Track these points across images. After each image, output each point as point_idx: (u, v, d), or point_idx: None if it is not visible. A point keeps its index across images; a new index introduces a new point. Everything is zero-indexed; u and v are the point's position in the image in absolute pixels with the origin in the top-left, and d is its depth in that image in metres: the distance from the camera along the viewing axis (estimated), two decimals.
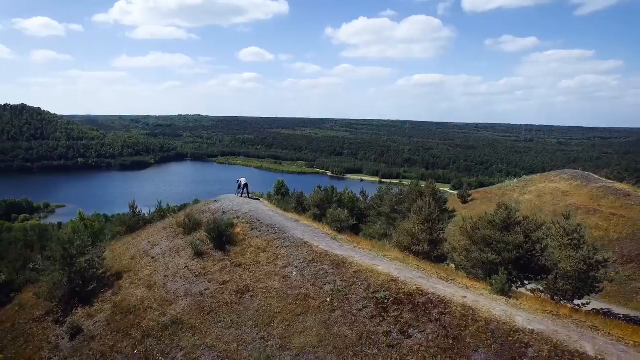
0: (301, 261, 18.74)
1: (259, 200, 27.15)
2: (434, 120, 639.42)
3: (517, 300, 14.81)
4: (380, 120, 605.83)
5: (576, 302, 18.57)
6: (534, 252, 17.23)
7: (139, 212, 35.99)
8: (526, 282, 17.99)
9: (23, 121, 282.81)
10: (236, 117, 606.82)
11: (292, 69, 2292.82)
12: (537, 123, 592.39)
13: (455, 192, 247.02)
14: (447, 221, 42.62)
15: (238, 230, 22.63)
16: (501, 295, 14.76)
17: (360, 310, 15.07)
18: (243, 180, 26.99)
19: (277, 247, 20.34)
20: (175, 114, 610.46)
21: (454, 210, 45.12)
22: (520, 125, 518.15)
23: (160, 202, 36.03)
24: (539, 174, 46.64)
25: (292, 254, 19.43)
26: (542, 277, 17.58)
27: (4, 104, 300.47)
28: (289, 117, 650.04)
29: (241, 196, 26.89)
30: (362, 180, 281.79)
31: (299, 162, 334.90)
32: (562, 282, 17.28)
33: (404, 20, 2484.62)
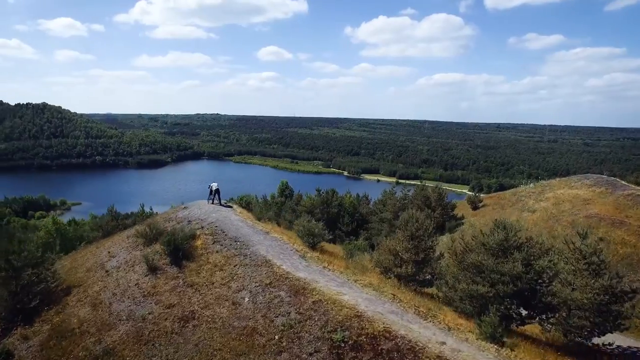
0: (257, 284, 15.77)
1: (231, 207, 24.26)
2: (453, 120, 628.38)
3: (512, 350, 11.50)
4: (398, 120, 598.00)
5: (595, 340, 14.99)
6: (538, 284, 13.76)
7: (118, 215, 33.69)
8: (528, 320, 14.44)
9: (44, 120, 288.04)
10: (254, 116, 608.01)
11: (310, 68, 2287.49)
12: (562, 123, 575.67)
13: (472, 192, 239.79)
14: (453, 230, 39.10)
15: (199, 242, 19.83)
16: (491, 343, 11.49)
17: (310, 354, 12.00)
18: (214, 186, 24.23)
19: (235, 266, 17.43)
20: (193, 112, 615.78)
21: (462, 217, 41.48)
22: (544, 125, 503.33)
23: (143, 205, 33.34)
24: (557, 179, 42.43)
25: (249, 275, 16.49)
26: (548, 316, 14.05)
27: (26, 103, 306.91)
28: (306, 116, 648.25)
29: (212, 203, 24.11)
30: (378, 180, 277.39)
31: (315, 161, 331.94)
32: (577, 317, 13.76)
33: (424, 19, 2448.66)
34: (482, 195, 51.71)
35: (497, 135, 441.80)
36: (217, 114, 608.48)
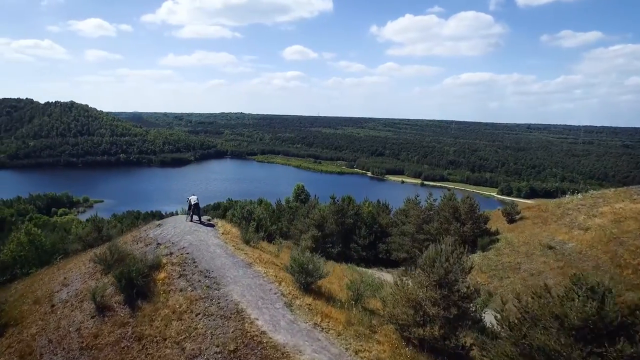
0: (218, 350, 11.19)
1: (213, 227, 19.67)
2: (482, 121, 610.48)
3: None
4: (424, 120, 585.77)
5: None
6: None
7: (102, 226, 29.73)
8: None
9: (71, 118, 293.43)
10: (278, 115, 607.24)
11: (336, 67, 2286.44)
12: (598, 124, 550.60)
13: (500, 195, 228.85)
14: (487, 247, 33.63)
15: (162, 275, 15.36)
16: None
17: None
18: (193, 199, 19.79)
19: (197, 315, 12.87)
20: (218, 111, 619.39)
21: (496, 232, 35.86)
22: (579, 126, 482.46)
23: (125, 213, 29.07)
24: (612, 189, 36.10)
25: (211, 332, 11.91)
26: None
27: (55, 101, 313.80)
28: (331, 115, 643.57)
29: (191, 220, 19.64)
30: (403, 182, 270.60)
31: (338, 161, 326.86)
32: None
33: (452, 17, 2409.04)
34: (517, 202, 45.59)
35: (528, 136, 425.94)
36: (242, 113, 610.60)
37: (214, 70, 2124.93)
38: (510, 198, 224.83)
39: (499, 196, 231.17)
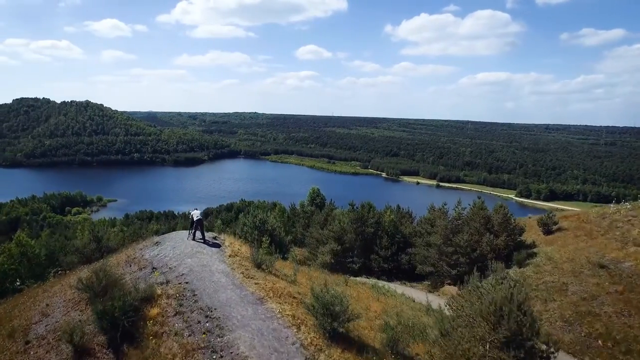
0: None
1: (219, 246, 16.82)
2: (498, 121, 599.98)
3: None
4: (439, 120, 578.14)
5: None
6: None
7: (101, 236, 27.25)
8: None
9: (86, 117, 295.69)
10: (292, 115, 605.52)
11: (350, 67, 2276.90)
12: (621, 124, 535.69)
13: (519, 198, 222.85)
14: (524, 262, 30.22)
15: (155, 312, 12.60)
16: None
17: None
18: (195, 215, 17.03)
19: None
20: (231, 111, 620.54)
21: (533, 245, 32.43)
22: (600, 126, 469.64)
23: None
24: None
25: None
26: None
27: (70, 101, 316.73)
28: (345, 115, 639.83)
29: (193, 238, 16.86)
30: (418, 183, 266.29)
31: (352, 162, 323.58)
32: None
33: (468, 16, 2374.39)
34: (538, 204, 41.92)
35: (547, 137, 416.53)
36: (255, 112, 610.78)
37: (228, 70, 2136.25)
38: (529, 200, 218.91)
39: (517, 198, 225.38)
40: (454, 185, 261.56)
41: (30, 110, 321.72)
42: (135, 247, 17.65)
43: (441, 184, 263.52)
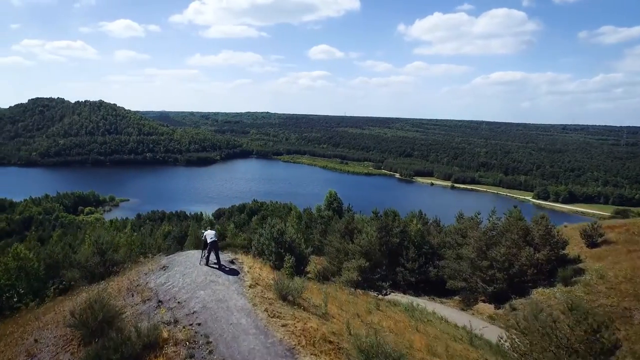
0: None
1: (237, 273, 14.27)
2: (513, 121, 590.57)
3: None
4: (453, 121, 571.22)
5: None
6: None
7: (105, 248, 24.97)
8: None
9: (100, 116, 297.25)
10: (304, 115, 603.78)
11: (362, 67, 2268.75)
12: None
13: (537, 200, 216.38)
14: (570, 280, 27.23)
15: None
16: None
17: None
18: (209, 236, 14.51)
19: None
20: (244, 111, 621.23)
21: (578, 260, 29.43)
22: (621, 127, 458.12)
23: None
24: None
25: None
26: None
27: (84, 100, 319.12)
28: (357, 115, 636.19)
29: (206, 263, 14.37)
30: (432, 184, 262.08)
31: (365, 162, 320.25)
32: None
33: (482, 15, 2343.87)
34: (555, 207, 38.69)
35: (564, 138, 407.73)
36: (267, 112, 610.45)
37: (240, 69, 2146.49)
38: (547, 202, 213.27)
39: (535, 200, 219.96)
40: (469, 187, 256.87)
41: (45, 110, 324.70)
42: (140, 270, 15.22)
43: (456, 185, 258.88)
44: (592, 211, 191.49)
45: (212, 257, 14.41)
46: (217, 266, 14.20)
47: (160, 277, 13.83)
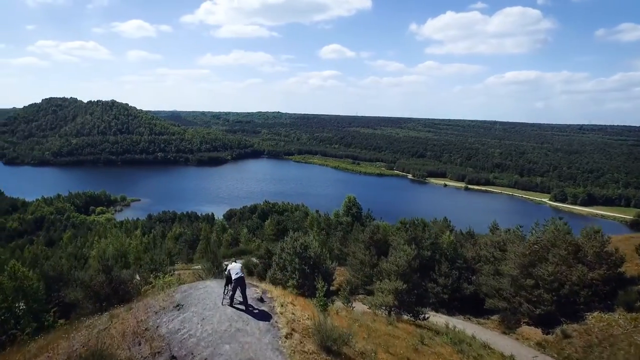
0: None
1: (269, 318, 11.55)
2: (527, 121, 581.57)
3: None
4: (466, 121, 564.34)
5: None
6: None
7: (111, 265, 22.56)
8: None
9: (111, 116, 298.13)
10: (315, 114, 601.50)
11: (373, 66, 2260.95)
12: None
13: (554, 202, 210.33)
14: (634, 305, 24.13)
15: None
16: None
17: None
18: (234, 270, 11.79)
19: None
20: (255, 110, 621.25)
21: (638, 280, 26.25)
22: None
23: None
24: None
25: None
26: None
27: (97, 100, 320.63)
28: (369, 115, 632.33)
29: (230, 303, 11.71)
30: (445, 185, 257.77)
31: (377, 163, 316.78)
32: None
33: (496, 13, 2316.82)
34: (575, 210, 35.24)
35: (581, 138, 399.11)
36: (278, 112, 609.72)
37: (251, 69, 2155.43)
38: (565, 205, 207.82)
39: (551, 203, 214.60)
40: (483, 188, 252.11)
41: (58, 110, 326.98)
42: (149, 305, 12.65)
43: (470, 186, 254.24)
44: (612, 214, 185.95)
45: (238, 295, 11.75)
46: (243, 307, 11.53)
47: (174, 320, 11.24)
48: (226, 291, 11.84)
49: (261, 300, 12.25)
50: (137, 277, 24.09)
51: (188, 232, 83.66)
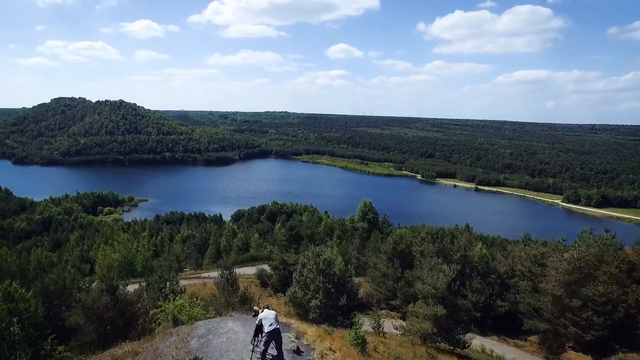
0: None
1: None
2: (536, 121, 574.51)
3: None
4: (475, 121, 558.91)
5: None
6: None
7: (116, 286, 20.36)
8: None
9: (120, 116, 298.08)
10: (323, 114, 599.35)
11: (381, 66, 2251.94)
12: None
13: (566, 204, 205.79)
14: None
15: None
16: None
17: None
18: (267, 319, 9.41)
19: None
20: (262, 110, 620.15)
21: None
22: None
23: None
24: None
25: None
26: None
27: (105, 100, 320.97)
28: (377, 115, 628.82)
29: (263, 358, 9.35)
30: (455, 186, 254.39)
31: (386, 163, 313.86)
32: None
33: (505, 12, 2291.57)
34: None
35: (593, 138, 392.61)
36: (286, 111, 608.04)
37: (259, 69, 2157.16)
38: (578, 207, 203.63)
39: (564, 204, 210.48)
40: (494, 189, 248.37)
41: (66, 110, 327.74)
42: (159, 348, 10.39)
43: (480, 187, 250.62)
44: (628, 216, 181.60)
45: (272, 351, 9.39)
46: None
47: None
48: (256, 342, 9.55)
49: (298, 352, 9.94)
50: (145, 295, 21.92)
51: (197, 235, 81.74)
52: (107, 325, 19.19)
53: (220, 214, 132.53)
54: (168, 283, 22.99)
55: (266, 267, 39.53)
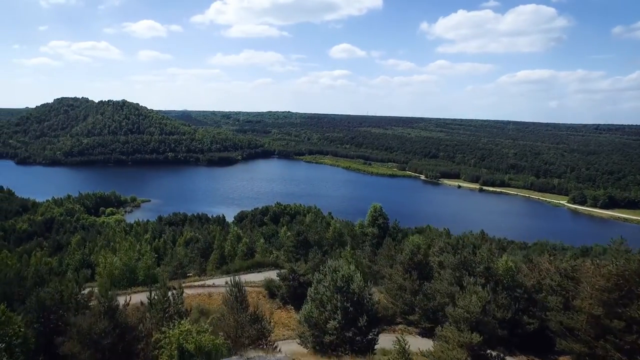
0: None
1: None
2: (540, 121, 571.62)
3: None
4: (478, 120, 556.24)
5: None
6: None
7: (116, 305, 18.54)
8: None
9: (122, 116, 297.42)
10: (326, 114, 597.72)
11: (384, 66, 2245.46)
12: None
13: (572, 205, 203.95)
14: None
15: None
16: None
17: None
18: None
19: None
20: (265, 110, 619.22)
21: None
22: None
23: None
24: None
25: None
26: None
27: (108, 100, 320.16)
28: (380, 115, 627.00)
29: None
30: (459, 186, 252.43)
31: (389, 163, 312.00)
32: None
33: (509, 11, 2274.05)
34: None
35: (597, 138, 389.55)
36: (289, 111, 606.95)
37: (262, 69, 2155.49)
38: (584, 208, 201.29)
39: (570, 205, 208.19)
40: (498, 190, 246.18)
41: (69, 110, 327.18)
42: None
43: (484, 187, 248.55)
44: (636, 217, 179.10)
45: None
46: None
47: None
48: None
49: None
50: (148, 315, 20.10)
51: (200, 238, 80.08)
52: (105, 351, 17.39)
53: (223, 214, 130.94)
54: (172, 299, 21.13)
55: (273, 275, 37.78)
